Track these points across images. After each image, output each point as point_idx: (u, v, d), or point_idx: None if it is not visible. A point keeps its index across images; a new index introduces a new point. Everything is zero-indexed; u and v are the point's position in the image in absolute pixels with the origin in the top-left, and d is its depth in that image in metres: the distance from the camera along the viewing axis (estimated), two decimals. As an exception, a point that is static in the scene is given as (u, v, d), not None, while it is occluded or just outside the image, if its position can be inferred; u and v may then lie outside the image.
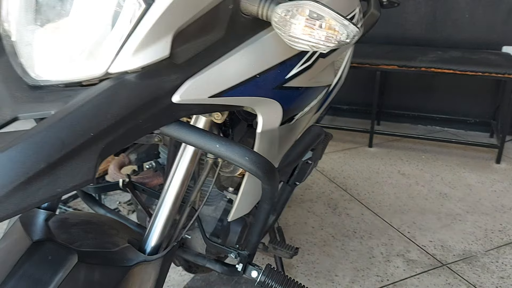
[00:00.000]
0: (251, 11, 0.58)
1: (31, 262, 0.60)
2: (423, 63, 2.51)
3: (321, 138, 0.84)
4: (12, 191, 0.44)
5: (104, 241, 0.73)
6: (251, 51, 0.62)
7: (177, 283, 1.59)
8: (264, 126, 0.69)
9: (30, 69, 0.55)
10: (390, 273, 1.65)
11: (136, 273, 0.67)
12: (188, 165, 0.72)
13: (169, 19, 0.52)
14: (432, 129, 3.11)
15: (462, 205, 2.10)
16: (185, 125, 0.60)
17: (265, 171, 0.63)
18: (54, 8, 0.54)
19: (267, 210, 0.77)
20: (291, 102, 0.74)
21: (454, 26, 2.87)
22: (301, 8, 0.54)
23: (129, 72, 0.52)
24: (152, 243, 0.73)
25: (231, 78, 0.60)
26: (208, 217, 1.03)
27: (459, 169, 2.52)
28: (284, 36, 0.56)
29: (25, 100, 0.54)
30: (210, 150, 0.61)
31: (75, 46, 0.53)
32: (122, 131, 0.52)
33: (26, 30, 0.55)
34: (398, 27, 2.97)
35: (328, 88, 0.91)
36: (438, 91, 3.04)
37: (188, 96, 0.56)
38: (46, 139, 0.46)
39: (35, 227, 0.67)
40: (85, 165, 0.49)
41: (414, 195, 2.22)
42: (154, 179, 1.08)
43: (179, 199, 0.73)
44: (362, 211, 2.05)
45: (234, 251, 0.90)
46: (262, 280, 0.84)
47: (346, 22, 0.54)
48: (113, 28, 0.52)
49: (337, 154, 2.72)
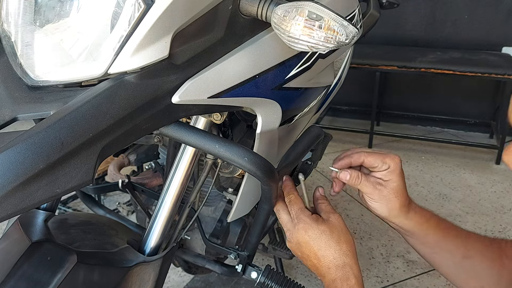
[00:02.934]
0: (251, 11, 0.58)
1: (30, 262, 0.60)
2: (422, 63, 2.51)
3: (321, 139, 0.84)
4: (11, 192, 0.44)
5: (104, 241, 0.73)
6: (251, 51, 0.62)
7: (177, 284, 1.59)
8: (263, 127, 0.69)
9: (30, 70, 0.55)
10: (390, 274, 1.65)
11: (135, 274, 0.67)
12: (187, 166, 0.72)
13: (168, 20, 0.52)
14: (432, 130, 3.11)
15: (462, 206, 2.10)
16: (185, 126, 0.60)
17: (264, 171, 0.63)
18: (54, 9, 0.54)
19: (266, 211, 0.77)
20: (291, 102, 0.74)
21: (454, 27, 2.87)
22: (300, 8, 0.54)
23: (128, 73, 0.52)
24: (151, 243, 0.73)
25: (231, 78, 0.60)
26: (208, 217, 1.03)
27: (459, 170, 2.52)
28: (283, 36, 0.56)
29: (24, 100, 0.54)
30: (209, 151, 0.61)
31: (75, 46, 0.53)
32: (122, 132, 0.52)
33: (25, 30, 0.55)
34: (398, 28, 2.97)
35: (327, 89, 0.91)
36: (437, 92, 3.04)
37: (187, 97, 0.56)
38: (45, 140, 0.46)
39: (34, 228, 0.67)
40: (84, 166, 0.49)
41: (414, 196, 2.22)
42: (154, 179, 1.08)
43: (179, 200, 0.73)
44: (361, 212, 2.05)
45: (233, 252, 0.90)
46: (262, 281, 0.84)
47: (345, 23, 0.54)
48: (112, 28, 0.52)
49: (336, 154, 2.72)
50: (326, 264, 0.69)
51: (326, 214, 0.73)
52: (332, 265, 0.68)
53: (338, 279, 0.67)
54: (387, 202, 0.75)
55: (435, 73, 2.49)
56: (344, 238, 0.69)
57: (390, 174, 0.75)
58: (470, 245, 0.77)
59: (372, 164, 0.75)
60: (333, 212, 0.73)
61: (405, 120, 3.16)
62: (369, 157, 0.75)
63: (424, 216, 0.78)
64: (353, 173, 0.75)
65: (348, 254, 0.68)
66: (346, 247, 0.69)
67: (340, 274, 0.67)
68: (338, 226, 0.71)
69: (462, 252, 0.77)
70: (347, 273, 0.67)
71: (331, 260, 0.68)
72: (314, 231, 0.69)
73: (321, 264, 0.69)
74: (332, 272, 0.68)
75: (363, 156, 0.76)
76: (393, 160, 0.75)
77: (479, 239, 0.79)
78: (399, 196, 0.75)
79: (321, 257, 0.69)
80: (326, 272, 0.69)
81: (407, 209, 0.77)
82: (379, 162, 0.75)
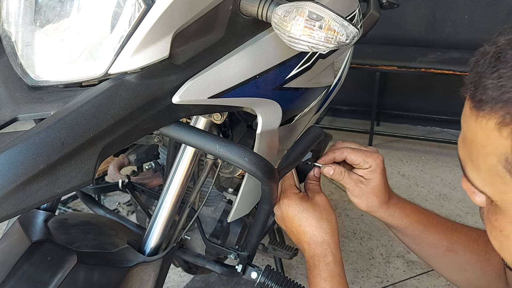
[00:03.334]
0: (251, 12, 0.58)
1: (30, 263, 0.60)
2: (422, 64, 2.51)
3: (321, 139, 0.84)
4: (11, 192, 0.44)
5: (104, 242, 0.73)
6: (251, 52, 0.62)
7: (177, 284, 1.59)
8: (263, 127, 0.69)
9: (30, 70, 0.55)
10: (390, 274, 1.65)
11: (135, 274, 0.67)
12: (187, 166, 0.72)
13: (169, 20, 0.51)
14: (432, 130, 3.11)
15: (462, 206, 2.10)
16: (185, 126, 0.60)
17: (264, 172, 0.63)
18: (54, 9, 0.54)
19: (266, 211, 0.77)
20: (291, 103, 0.74)
21: (454, 27, 2.87)
22: (300, 9, 0.54)
23: (128, 73, 0.52)
24: (151, 244, 0.73)
25: (231, 79, 0.60)
26: (208, 218, 1.03)
27: (459, 170, 2.51)
28: (283, 37, 0.56)
29: (25, 100, 0.54)
30: (209, 151, 0.61)
31: (75, 46, 0.53)
32: (122, 132, 0.52)
33: (26, 30, 0.55)
34: (398, 28, 2.97)
35: (327, 89, 0.91)
36: (438, 92, 3.04)
37: (187, 97, 0.56)
38: (46, 140, 0.46)
39: (34, 228, 0.67)
40: (84, 166, 0.49)
41: (414, 196, 2.22)
42: (154, 179, 1.08)
43: (179, 200, 0.73)
44: (361, 212, 2.04)
45: (233, 252, 0.90)
46: (262, 281, 0.84)
47: (345, 23, 0.54)
48: (113, 29, 0.52)
49: (337, 155, 2.72)
50: (306, 240, 0.72)
51: (312, 193, 0.76)
52: (311, 241, 0.71)
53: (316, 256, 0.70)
54: (366, 198, 0.78)
55: (435, 73, 2.48)
56: (325, 216, 0.72)
57: (371, 173, 0.77)
58: (454, 239, 0.79)
59: (354, 161, 0.78)
60: (319, 192, 0.76)
61: (405, 120, 3.16)
62: (352, 154, 0.78)
63: (404, 211, 0.80)
64: (337, 169, 0.78)
65: (328, 232, 0.71)
66: (326, 225, 0.72)
67: (318, 251, 0.70)
68: (321, 205, 0.73)
69: (445, 245, 0.79)
70: (325, 250, 0.70)
71: (311, 236, 0.71)
72: (296, 207, 0.73)
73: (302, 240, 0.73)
74: (312, 247, 0.71)
75: (346, 153, 0.78)
76: (375, 160, 0.77)
77: (465, 232, 0.80)
78: (379, 195, 0.78)
79: (302, 233, 0.72)
80: (306, 248, 0.72)
81: (387, 206, 0.79)
82: (361, 161, 0.77)
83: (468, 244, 0.78)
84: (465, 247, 0.78)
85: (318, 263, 0.69)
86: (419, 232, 0.80)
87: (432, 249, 0.80)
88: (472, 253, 0.78)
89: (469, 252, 0.78)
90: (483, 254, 0.77)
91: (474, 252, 0.78)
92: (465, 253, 0.78)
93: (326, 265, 0.68)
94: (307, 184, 0.79)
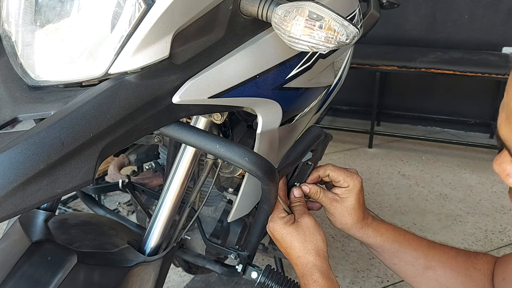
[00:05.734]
0: (251, 11, 0.58)
1: (31, 262, 0.60)
2: (423, 64, 2.51)
3: (321, 139, 0.84)
4: (11, 192, 0.44)
5: (104, 241, 0.73)
6: (251, 51, 0.62)
7: (177, 284, 1.59)
8: (264, 127, 0.69)
9: (30, 70, 0.55)
10: (390, 274, 1.65)
11: (135, 274, 0.67)
12: (187, 166, 0.72)
13: (169, 20, 0.51)
14: (432, 130, 3.11)
15: (463, 206, 2.10)
16: (185, 126, 0.60)
17: (264, 171, 0.63)
18: (54, 9, 0.54)
19: (266, 211, 0.77)
20: (291, 102, 0.74)
21: (454, 27, 2.87)
22: (301, 9, 0.54)
23: (129, 73, 0.52)
24: (151, 243, 0.73)
25: (231, 78, 0.60)
26: (208, 217, 1.03)
27: (459, 170, 2.51)
28: (284, 37, 0.56)
29: (25, 100, 0.54)
30: (209, 151, 0.61)
31: (75, 46, 0.53)
32: (122, 132, 0.52)
33: (26, 30, 0.55)
34: (398, 28, 2.97)
35: (328, 89, 0.91)
36: (438, 92, 3.04)
37: (187, 97, 0.56)
38: (46, 140, 0.46)
39: (34, 228, 0.67)
40: (84, 166, 0.49)
41: (414, 196, 2.22)
42: (154, 179, 1.08)
43: (179, 200, 0.73)
44: (362, 212, 2.05)
45: (234, 252, 0.90)
46: (262, 281, 0.84)
47: (345, 23, 0.54)
48: (113, 28, 0.52)
49: (337, 155, 2.72)
50: (293, 261, 0.76)
51: (298, 215, 0.78)
52: (298, 262, 0.75)
53: (304, 276, 0.73)
54: (340, 217, 0.81)
55: (435, 73, 2.49)
56: (309, 238, 0.75)
57: (347, 192, 0.80)
58: (431, 256, 0.81)
59: (335, 178, 0.81)
60: (303, 214, 0.78)
61: (405, 120, 3.16)
62: (334, 172, 0.82)
63: (378, 230, 0.83)
64: (313, 188, 0.82)
65: (312, 253, 0.74)
66: (311, 246, 0.74)
67: (306, 271, 0.73)
68: (305, 227, 0.76)
69: (422, 263, 0.81)
70: (311, 270, 0.73)
71: (297, 258, 0.75)
72: (281, 231, 0.76)
73: (290, 260, 0.77)
74: (300, 268, 0.74)
75: (329, 170, 0.82)
76: (353, 180, 0.80)
77: (443, 250, 0.82)
78: (353, 214, 0.81)
79: (289, 254, 0.76)
80: (295, 267, 0.76)
81: (361, 225, 0.82)
82: (341, 179, 0.81)
83: (446, 261, 0.80)
84: (443, 264, 0.80)
85: (307, 282, 0.72)
86: (395, 251, 0.82)
87: (410, 267, 0.82)
88: (452, 270, 0.79)
89: (448, 269, 0.80)
90: (463, 271, 0.79)
91: (453, 269, 0.79)
92: (444, 270, 0.80)
93: (314, 282, 0.71)
94: (291, 206, 0.81)
